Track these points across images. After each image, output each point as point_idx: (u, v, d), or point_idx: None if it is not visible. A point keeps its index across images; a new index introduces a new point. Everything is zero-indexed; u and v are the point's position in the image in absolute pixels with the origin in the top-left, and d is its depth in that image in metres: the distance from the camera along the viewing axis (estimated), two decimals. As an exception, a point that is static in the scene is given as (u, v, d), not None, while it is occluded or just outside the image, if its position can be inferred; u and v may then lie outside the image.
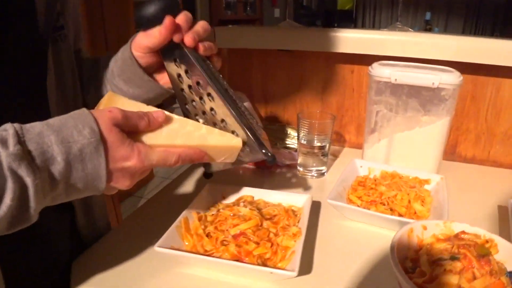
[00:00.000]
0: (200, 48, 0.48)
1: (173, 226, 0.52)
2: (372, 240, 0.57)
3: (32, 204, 0.33)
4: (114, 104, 0.41)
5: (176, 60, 0.49)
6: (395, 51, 0.81)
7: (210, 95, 0.48)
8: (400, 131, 0.75)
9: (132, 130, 0.39)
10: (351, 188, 0.68)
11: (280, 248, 0.50)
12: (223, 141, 0.45)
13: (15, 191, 0.32)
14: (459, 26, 4.45)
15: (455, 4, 4.35)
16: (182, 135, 0.42)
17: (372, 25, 4.71)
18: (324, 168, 0.80)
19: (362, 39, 0.84)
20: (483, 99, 0.82)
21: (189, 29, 0.48)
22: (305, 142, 0.77)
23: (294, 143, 0.91)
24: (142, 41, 0.49)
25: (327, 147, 0.77)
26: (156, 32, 0.47)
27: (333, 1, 4.73)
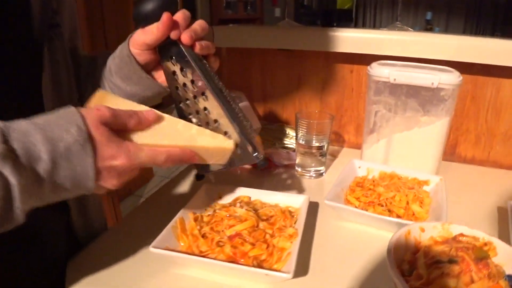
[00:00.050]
0: (197, 47, 0.48)
1: (168, 227, 0.52)
2: (369, 242, 0.57)
3: (18, 204, 0.33)
4: (104, 102, 0.40)
5: (172, 58, 0.48)
6: (395, 50, 0.80)
7: (204, 95, 0.48)
8: (399, 132, 0.74)
9: (121, 129, 0.39)
10: (349, 189, 0.67)
11: (276, 249, 0.50)
12: (215, 142, 0.45)
13: None
14: (460, 26, 4.44)
15: (456, 4, 4.34)
16: (173, 135, 0.42)
17: (373, 24, 4.70)
18: (322, 169, 0.79)
19: (362, 39, 0.83)
20: (483, 99, 0.82)
21: (187, 27, 0.48)
22: (303, 142, 0.76)
23: (293, 143, 0.90)
24: (139, 38, 0.48)
25: (325, 147, 0.77)
26: (153, 28, 0.46)
27: (332, 0, 4.71)
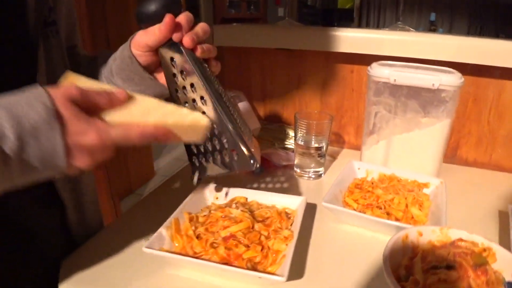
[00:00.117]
0: (198, 50, 0.48)
1: (162, 227, 0.51)
2: (367, 245, 0.56)
3: None
4: (74, 82, 0.39)
5: (172, 60, 0.48)
6: (396, 51, 0.79)
7: (203, 99, 0.48)
8: (399, 133, 0.73)
9: (91, 108, 0.38)
10: (348, 191, 0.66)
11: (271, 251, 0.49)
12: (189, 119, 0.43)
13: None
14: (464, 27, 4.41)
15: (460, 5, 4.32)
16: (145, 113, 0.40)
17: (376, 24, 4.68)
18: (321, 170, 0.78)
19: (362, 39, 0.82)
20: (485, 101, 0.80)
21: (189, 29, 0.47)
22: (302, 142, 0.75)
23: (292, 144, 0.89)
24: (141, 39, 0.48)
25: (324, 148, 0.76)
26: (155, 30, 0.46)
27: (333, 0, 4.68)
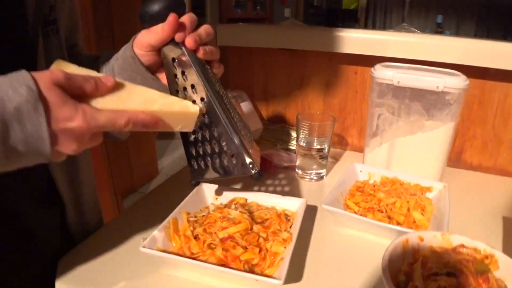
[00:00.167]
0: (200, 51, 0.47)
1: (160, 227, 0.51)
2: (367, 249, 0.55)
3: None
4: (62, 69, 0.38)
5: (174, 60, 0.48)
6: (401, 52, 0.78)
7: (203, 100, 0.47)
8: (402, 136, 0.72)
9: (78, 93, 0.37)
10: (349, 193, 0.66)
11: (269, 254, 0.48)
12: (178, 107, 0.42)
13: None
14: (471, 29, 4.37)
15: (468, 8, 4.28)
16: (134, 101, 0.40)
17: (383, 26, 4.65)
18: (323, 171, 0.77)
19: (366, 40, 0.81)
20: (490, 104, 0.79)
21: (192, 30, 0.47)
22: (304, 144, 0.75)
23: (295, 145, 0.89)
24: (144, 38, 0.48)
25: (326, 150, 0.75)
26: (158, 29, 0.46)
27: (338, 0, 4.64)
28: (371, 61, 0.77)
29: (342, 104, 0.93)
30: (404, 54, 0.78)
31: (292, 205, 0.59)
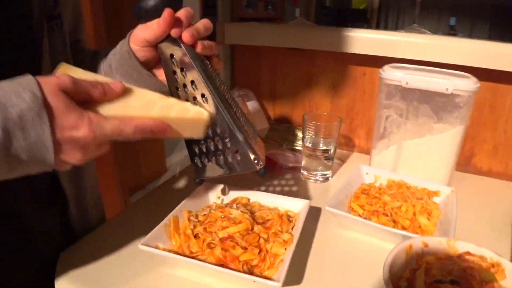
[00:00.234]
0: (198, 46, 0.46)
1: (161, 225, 0.51)
2: (371, 253, 0.54)
3: None
4: (68, 73, 0.37)
5: (172, 56, 0.47)
6: (411, 53, 0.76)
7: (204, 96, 0.46)
8: (410, 138, 0.71)
9: (85, 100, 0.36)
10: (354, 196, 0.64)
11: (269, 255, 0.48)
12: (188, 113, 0.41)
13: None
14: (485, 32, 4.29)
15: (482, 11, 4.20)
16: (143, 107, 0.38)
17: (395, 27, 4.60)
18: (329, 173, 0.76)
19: (375, 40, 0.80)
20: (502, 108, 0.77)
21: (189, 25, 0.46)
22: (309, 144, 0.74)
23: (301, 145, 0.88)
24: (140, 33, 0.47)
25: (331, 151, 0.74)
26: (154, 25, 0.45)
27: (348, 0, 4.59)
28: (380, 61, 0.76)
29: (349, 105, 0.92)
30: (413, 55, 0.76)
31: (295, 206, 0.59)
